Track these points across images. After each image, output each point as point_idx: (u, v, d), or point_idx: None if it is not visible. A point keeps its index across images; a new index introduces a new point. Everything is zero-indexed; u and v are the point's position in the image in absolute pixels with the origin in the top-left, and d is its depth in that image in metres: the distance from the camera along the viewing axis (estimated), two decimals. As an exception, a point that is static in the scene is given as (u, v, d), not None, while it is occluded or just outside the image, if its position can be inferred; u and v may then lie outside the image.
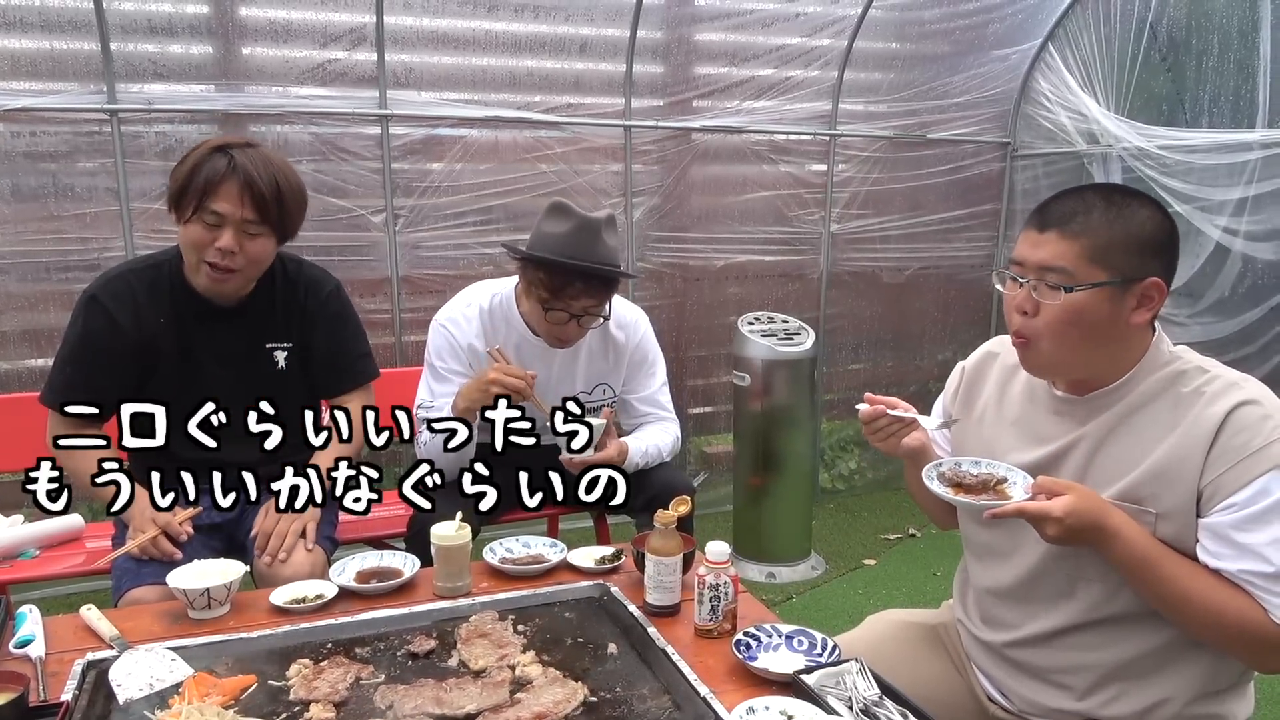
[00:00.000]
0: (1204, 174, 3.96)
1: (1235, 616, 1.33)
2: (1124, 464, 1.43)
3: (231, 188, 1.90)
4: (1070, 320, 1.39)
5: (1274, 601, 1.31)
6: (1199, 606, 1.35)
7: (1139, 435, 1.43)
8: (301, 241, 3.43)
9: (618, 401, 2.54)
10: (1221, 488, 1.34)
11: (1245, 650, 1.38)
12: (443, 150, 3.74)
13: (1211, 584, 1.35)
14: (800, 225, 4.51)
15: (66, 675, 1.45)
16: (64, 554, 2.47)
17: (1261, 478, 1.31)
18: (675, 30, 4.11)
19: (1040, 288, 1.41)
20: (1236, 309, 4.05)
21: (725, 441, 4.52)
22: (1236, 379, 1.41)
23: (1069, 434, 1.50)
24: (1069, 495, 1.36)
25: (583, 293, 2.20)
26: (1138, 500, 1.40)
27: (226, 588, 1.70)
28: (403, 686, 1.45)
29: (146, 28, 3.25)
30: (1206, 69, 4.15)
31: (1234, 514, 1.33)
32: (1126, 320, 1.41)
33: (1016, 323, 1.46)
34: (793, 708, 1.36)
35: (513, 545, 2.00)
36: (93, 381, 2.02)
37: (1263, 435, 1.32)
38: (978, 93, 4.67)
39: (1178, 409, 1.40)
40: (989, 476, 1.49)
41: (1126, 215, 1.40)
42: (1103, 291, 1.38)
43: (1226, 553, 1.34)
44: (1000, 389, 1.64)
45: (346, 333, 2.24)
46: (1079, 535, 1.35)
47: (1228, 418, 1.35)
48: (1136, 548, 1.36)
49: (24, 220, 3.20)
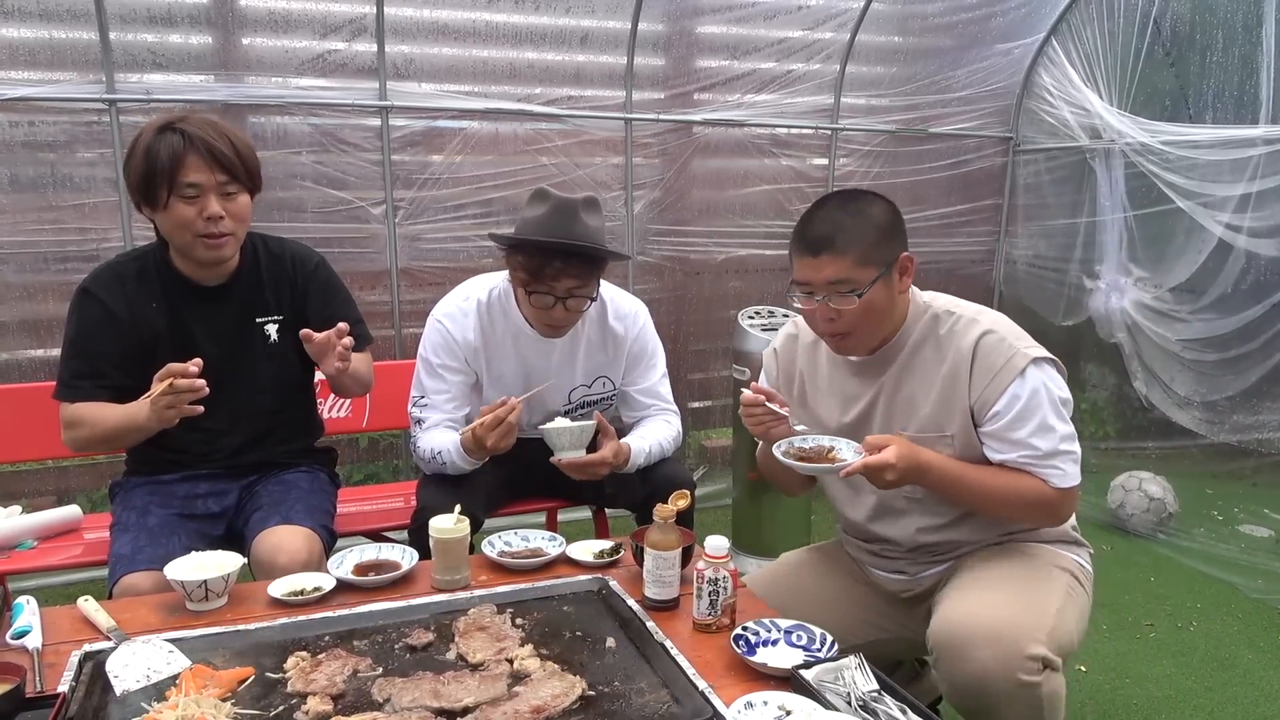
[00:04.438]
0: (1207, 170, 3.95)
1: (1032, 493, 1.74)
2: (915, 402, 1.82)
3: (195, 158, 1.93)
4: (866, 313, 1.76)
5: (1049, 473, 1.73)
6: (1000, 495, 1.75)
7: (920, 376, 1.82)
8: (301, 233, 3.46)
9: (619, 394, 2.53)
10: (985, 402, 1.74)
11: (1042, 514, 1.80)
12: (443, 142, 3.72)
13: (1004, 478, 1.75)
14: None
15: (63, 666, 1.45)
16: (62, 545, 2.47)
17: (1010, 387, 1.71)
18: (677, 23, 4.09)
19: (834, 297, 1.74)
20: (1239, 306, 4.04)
21: (724, 436, 4.51)
22: (975, 313, 1.80)
23: (870, 390, 1.87)
24: (893, 445, 1.69)
25: (562, 272, 2.17)
26: (936, 428, 1.79)
27: (224, 580, 1.69)
28: (400, 679, 1.44)
29: (146, 17, 3.23)
30: (1210, 64, 4.13)
31: (1001, 420, 1.72)
32: (898, 293, 1.81)
33: (825, 328, 1.81)
34: (791, 703, 1.36)
35: (511, 539, 2.00)
36: (98, 370, 2.04)
37: (1003, 354, 1.72)
38: (980, 87, 4.65)
39: (940, 348, 1.79)
40: (821, 447, 1.83)
41: (865, 215, 1.75)
42: (879, 283, 1.74)
43: (1005, 447, 1.74)
44: (810, 363, 2.01)
45: (339, 300, 2.27)
46: (908, 475, 1.70)
47: (976, 346, 1.75)
48: (948, 471, 1.75)
49: (22, 210, 3.19)
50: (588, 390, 2.48)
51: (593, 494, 2.59)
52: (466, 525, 1.81)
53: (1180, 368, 4.30)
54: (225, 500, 2.19)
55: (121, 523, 2.06)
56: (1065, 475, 1.74)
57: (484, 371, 2.39)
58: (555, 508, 2.83)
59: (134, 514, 2.06)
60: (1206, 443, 4.35)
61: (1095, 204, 4.55)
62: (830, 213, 1.76)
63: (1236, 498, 4.43)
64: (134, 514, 2.06)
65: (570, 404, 2.47)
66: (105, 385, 2.02)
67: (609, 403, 2.55)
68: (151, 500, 2.10)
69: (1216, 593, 3.53)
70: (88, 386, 2.03)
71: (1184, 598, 3.48)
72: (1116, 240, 4.46)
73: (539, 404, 2.39)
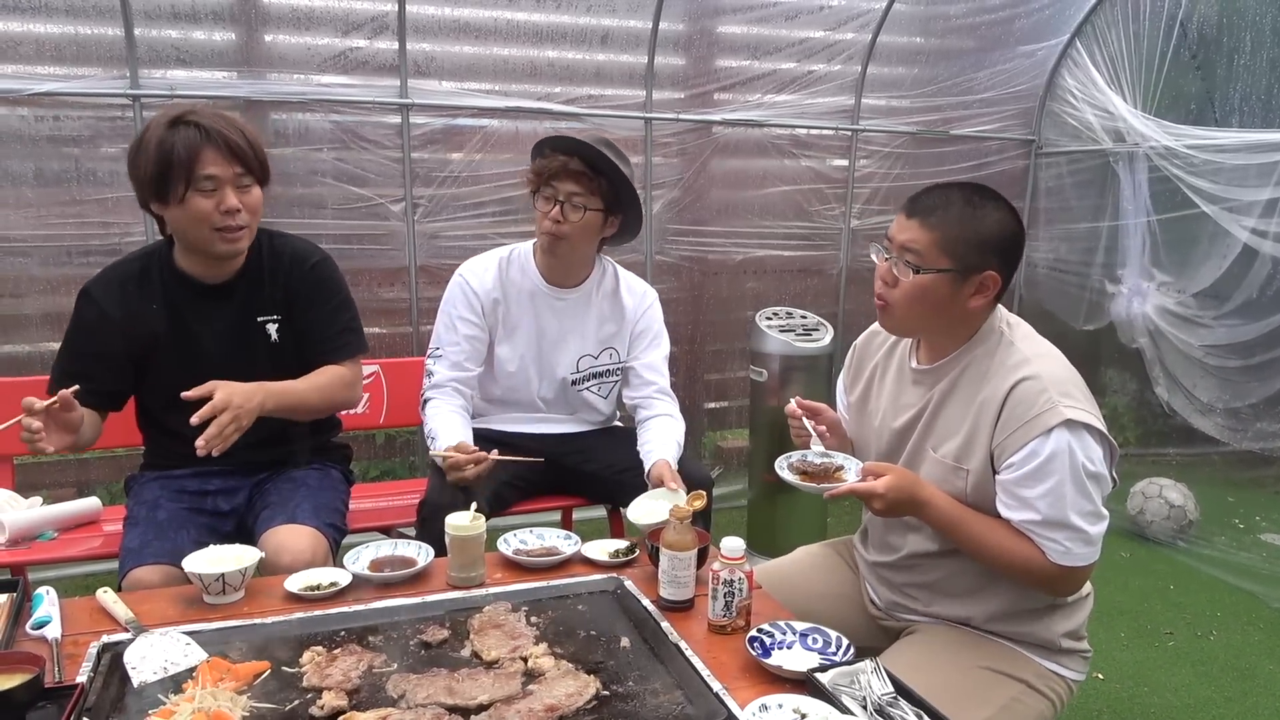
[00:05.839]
0: (1233, 174, 3.91)
1: (1022, 559, 1.62)
2: (950, 427, 1.72)
3: (212, 150, 1.92)
4: (917, 296, 1.67)
5: (1048, 544, 1.59)
6: (994, 553, 1.64)
7: (961, 401, 1.71)
8: (321, 229, 3.49)
9: (622, 371, 2.58)
10: (1005, 450, 1.61)
11: (1033, 583, 1.66)
12: (462, 140, 3.73)
13: (1003, 535, 1.63)
14: (820, 220, 4.48)
15: (82, 657, 1.46)
16: (82, 536, 2.49)
17: (1031, 442, 1.57)
18: (697, 22, 4.09)
19: (898, 264, 1.67)
20: (1264, 311, 3.99)
21: (740, 437, 4.50)
22: (1032, 354, 1.66)
23: (920, 401, 1.79)
24: (888, 475, 1.64)
25: (564, 170, 2.31)
26: (958, 459, 1.69)
27: (241, 573, 1.70)
28: (415, 676, 1.44)
29: (170, 14, 3.26)
30: (1238, 67, 4.09)
31: (1014, 473, 1.60)
32: (964, 303, 1.67)
33: (878, 288, 1.74)
34: (806, 706, 1.35)
35: (527, 537, 2.00)
36: (86, 370, 2.01)
37: (1036, 407, 1.58)
38: (1003, 89, 4.62)
39: (986, 379, 1.68)
40: (829, 464, 1.81)
41: (979, 216, 1.64)
42: (944, 276, 1.64)
43: (1013, 504, 1.62)
44: (884, 362, 1.94)
45: (331, 305, 2.20)
46: (899, 507, 1.65)
47: (1011, 391, 1.61)
48: (945, 514, 1.67)
49: (46, 204, 3.22)
50: (594, 361, 2.55)
51: (608, 493, 2.61)
52: (483, 522, 1.81)
53: (1203, 374, 4.26)
54: (235, 498, 2.19)
55: (133, 517, 2.07)
56: (1067, 553, 1.58)
57: (499, 324, 2.48)
58: (570, 506, 2.83)
59: (144, 508, 2.06)
60: (1228, 450, 4.31)
61: (1118, 208, 4.50)
62: (950, 192, 1.68)
63: (1258, 506, 4.38)
64: (144, 508, 2.06)
65: (578, 372, 2.54)
66: (92, 388, 1.95)
67: (614, 379, 2.59)
68: (162, 495, 2.10)
69: (1237, 602, 3.49)
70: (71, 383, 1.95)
71: (1204, 606, 3.44)
72: (1139, 244, 4.41)
73: (548, 371, 2.51)
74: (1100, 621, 3.20)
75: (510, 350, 2.49)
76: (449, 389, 2.43)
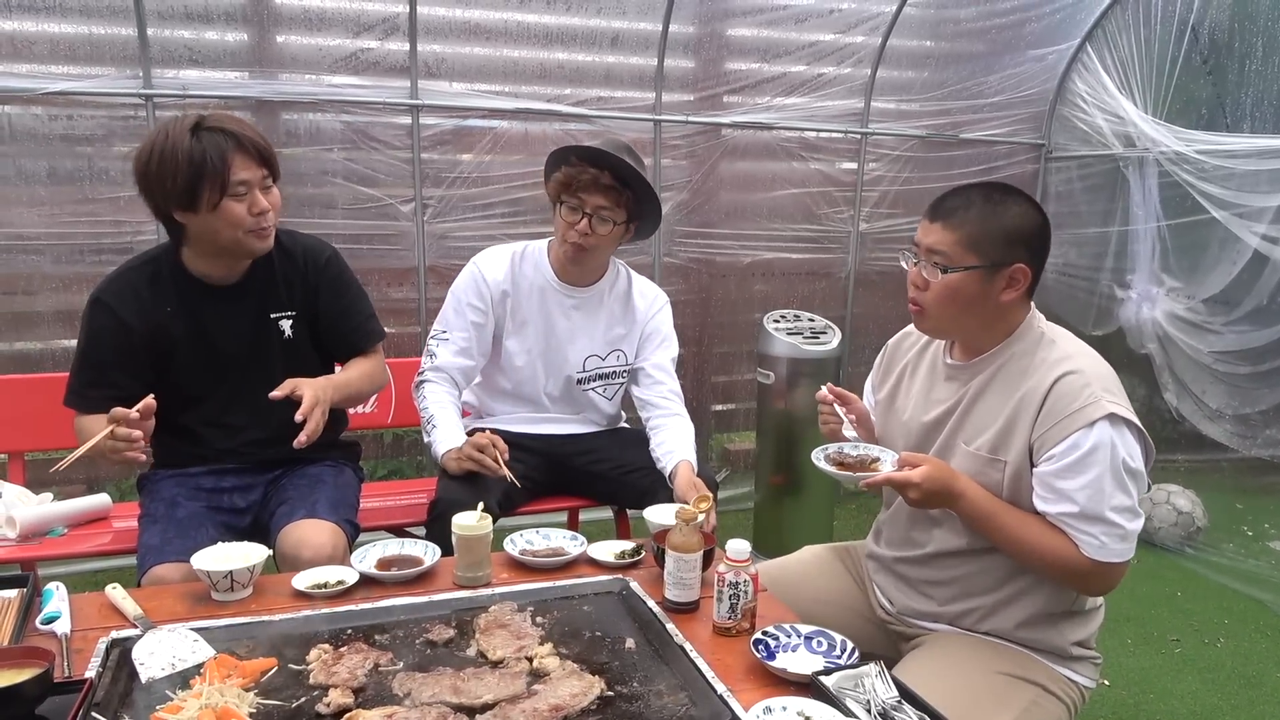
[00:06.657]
0: (1244, 180, 3.89)
1: (1055, 553, 1.61)
2: (987, 420, 1.72)
3: (242, 155, 1.94)
4: (948, 295, 1.69)
5: (1082, 538, 1.59)
6: (1027, 546, 1.64)
7: (998, 395, 1.71)
8: (331, 229, 3.50)
9: (631, 373, 2.59)
10: (1045, 442, 1.61)
11: (1066, 579, 1.67)
12: (472, 141, 3.75)
13: (1036, 529, 1.64)
14: (829, 223, 4.48)
15: (91, 653, 1.47)
16: (91, 532, 2.50)
17: (1074, 434, 1.58)
18: (707, 25, 4.09)
19: (927, 267, 1.70)
20: (1274, 318, 3.97)
21: (747, 439, 4.50)
22: (1073, 350, 1.69)
23: (954, 395, 1.79)
24: (925, 465, 1.65)
25: (594, 184, 2.30)
26: (994, 451, 1.69)
27: (249, 571, 1.71)
28: (421, 674, 1.45)
29: (183, 14, 3.28)
30: (1249, 72, 4.07)
31: (1054, 464, 1.60)
32: (996, 298, 1.69)
33: (911, 294, 1.77)
34: (810, 709, 1.35)
35: (533, 537, 2.01)
36: (108, 378, 2.05)
37: (1079, 400, 1.59)
38: (1012, 93, 4.61)
39: (1026, 374, 1.68)
40: (865, 456, 1.84)
41: (1000, 210, 1.67)
42: (973, 273, 1.67)
43: (1050, 497, 1.62)
44: (915, 361, 1.95)
45: (350, 296, 2.28)
46: (934, 497, 1.66)
47: (1054, 384, 1.62)
48: (979, 506, 1.67)
49: (59, 203, 3.25)
50: (601, 362, 2.56)
51: (614, 494, 2.62)
52: (489, 522, 1.81)
53: (1212, 380, 4.24)
54: (250, 495, 2.21)
55: (150, 514, 2.08)
56: (1102, 548, 1.58)
57: (508, 317, 2.49)
58: (577, 507, 2.84)
59: (163, 505, 2.08)
60: (1237, 457, 4.28)
61: (1128, 213, 4.49)
62: (970, 191, 1.71)
63: (1267, 513, 4.36)
64: (163, 505, 2.08)
65: (584, 371, 2.55)
66: (116, 395, 1.95)
67: (619, 381, 2.60)
68: (179, 493, 2.11)
69: (1245, 609, 3.47)
70: (96, 397, 2.02)
71: (1211, 613, 3.43)
72: (1149, 250, 4.40)
73: (555, 369, 2.53)
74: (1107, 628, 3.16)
75: (519, 344, 2.51)
76: (447, 377, 2.46)
